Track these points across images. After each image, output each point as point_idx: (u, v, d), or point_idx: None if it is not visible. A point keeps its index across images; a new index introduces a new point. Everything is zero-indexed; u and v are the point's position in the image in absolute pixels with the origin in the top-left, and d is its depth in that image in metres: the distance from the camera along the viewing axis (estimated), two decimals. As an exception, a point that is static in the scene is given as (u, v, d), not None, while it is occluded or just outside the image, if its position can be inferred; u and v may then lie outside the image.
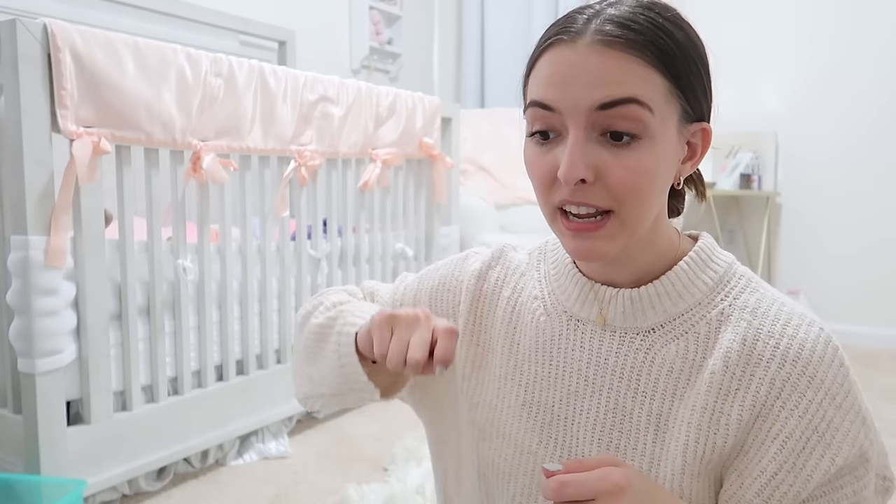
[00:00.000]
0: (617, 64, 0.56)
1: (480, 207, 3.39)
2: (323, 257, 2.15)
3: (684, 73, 0.59)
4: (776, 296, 0.65)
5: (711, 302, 0.64)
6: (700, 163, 0.66)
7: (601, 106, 0.56)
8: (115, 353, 1.60)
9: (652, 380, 0.64)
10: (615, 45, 0.56)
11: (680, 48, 0.58)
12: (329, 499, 1.67)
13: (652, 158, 0.58)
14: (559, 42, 0.58)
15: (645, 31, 0.57)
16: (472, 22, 4.15)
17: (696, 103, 0.61)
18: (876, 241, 3.24)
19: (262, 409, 1.94)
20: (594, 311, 0.67)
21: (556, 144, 0.60)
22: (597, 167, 0.57)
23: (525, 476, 0.69)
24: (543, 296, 0.72)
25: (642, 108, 0.56)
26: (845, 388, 0.60)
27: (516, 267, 0.76)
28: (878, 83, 3.19)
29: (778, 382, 0.59)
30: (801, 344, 0.60)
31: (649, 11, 0.58)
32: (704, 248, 0.67)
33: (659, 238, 0.66)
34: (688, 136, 0.62)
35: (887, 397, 2.52)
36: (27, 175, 1.37)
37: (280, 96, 1.88)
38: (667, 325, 0.65)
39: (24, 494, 1.31)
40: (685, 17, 0.61)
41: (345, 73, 3.44)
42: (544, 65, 0.60)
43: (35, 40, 1.36)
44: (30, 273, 1.37)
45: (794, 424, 0.59)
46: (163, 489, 1.70)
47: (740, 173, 3.35)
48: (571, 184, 0.57)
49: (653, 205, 0.61)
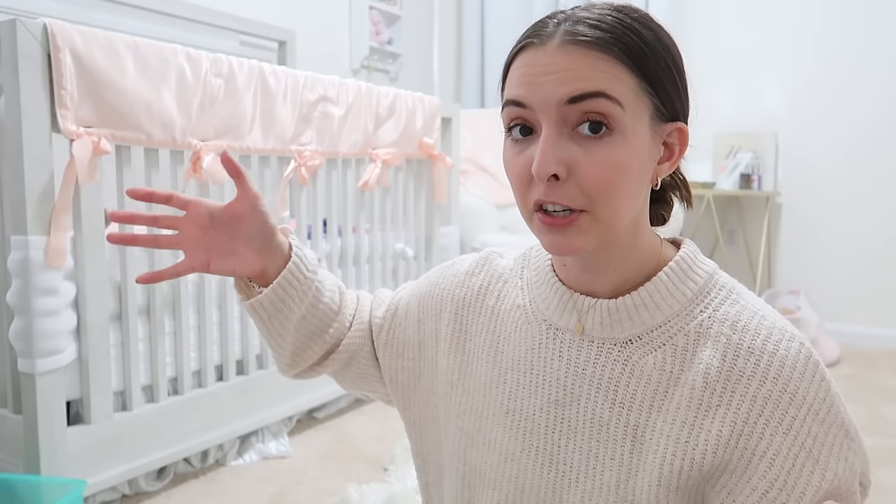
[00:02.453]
0: (585, 61, 0.58)
1: (480, 207, 3.39)
2: (323, 257, 2.15)
3: (654, 72, 0.60)
4: (757, 307, 0.64)
5: (690, 314, 0.64)
6: (678, 164, 0.66)
7: (570, 100, 0.58)
8: (115, 353, 1.60)
9: (630, 391, 0.64)
10: (583, 44, 0.58)
11: (649, 46, 0.60)
12: (329, 499, 1.67)
13: (623, 154, 0.59)
14: (531, 45, 0.61)
15: (612, 29, 0.59)
16: (472, 22, 4.15)
17: (668, 102, 0.62)
18: (876, 240, 3.25)
19: (262, 409, 1.94)
20: (573, 321, 0.68)
21: (530, 143, 0.61)
22: (569, 163, 0.58)
23: (509, 483, 0.70)
24: (525, 304, 0.72)
25: (611, 102, 0.58)
26: (827, 402, 0.60)
27: (500, 274, 0.77)
28: (879, 83, 3.19)
29: (759, 400, 0.60)
30: (782, 361, 0.60)
31: (618, 13, 0.60)
32: (686, 258, 0.67)
33: (639, 245, 0.66)
34: (663, 135, 0.63)
35: (887, 397, 2.52)
36: (27, 175, 1.37)
37: (280, 96, 1.88)
38: (644, 336, 0.65)
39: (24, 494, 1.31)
40: (656, 18, 0.63)
41: (345, 73, 3.44)
42: (517, 66, 0.62)
43: (35, 40, 1.36)
44: (30, 273, 1.37)
45: (779, 442, 0.59)
46: (163, 489, 1.70)
47: (740, 173, 3.35)
48: (544, 179, 0.58)
49: (627, 203, 0.61)
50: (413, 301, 0.81)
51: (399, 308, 0.83)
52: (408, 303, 0.82)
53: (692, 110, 0.66)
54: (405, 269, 2.52)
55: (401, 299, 0.84)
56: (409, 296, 0.83)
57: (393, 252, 2.47)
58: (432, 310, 0.79)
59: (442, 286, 0.79)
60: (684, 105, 0.64)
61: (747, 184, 3.33)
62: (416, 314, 0.80)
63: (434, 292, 0.80)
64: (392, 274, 2.47)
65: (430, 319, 0.79)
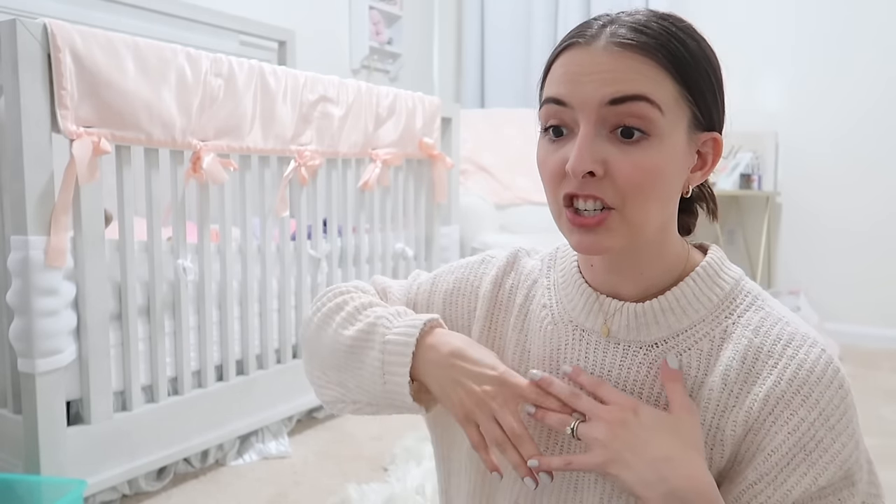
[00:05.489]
0: (629, 64, 0.58)
1: (480, 207, 3.38)
2: (323, 257, 2.15)
3: (695, 80, 0.60)
4: (781, 314, 0.65)
5: (716, 319, 0.65)
6: (710, 173, 0.66)
7: (611, 101, 0.58)
8: (115, 353, 1.60)
9: (655, 394, 0.65)
10: (628, 48, 0.58)
11: (692, 56, 0.60)
12: (329, 499, 1.67)
13: (659, 158, 0.59)
14: (575, 45, 0.61)
15: (658, 36, 0.59)
16: (472, 22, 4.15)
17: (706, 112, 0.62)
18: (876, 240, 3.24)
19: (262, 409, 1.94)
20: (599, 322, 0.68)
21: (567, 141, 0.61)
22: (605, 162, 0.58)
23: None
24: (551, 304, 0.72)
25: (652, 106, 0.58)
26: (841, 410, 0.60)
27: (528, 273, 0.76)
28: (879, 82, 3.19)
29: (772, 399, 0.60)
30: (800, 364, 0.60)
31: (663, 21, 0.60)
32: (712, 264, 0.67)
33: (667, 251, 0.66)
34: (698, 144, 0.63)
35: (887, 397, 2.52)
36: (27, 175, 1.37)
37: (280, 96, 1.88)
38: (670, 340, 0.65)
39: (24, 494, 1.31)
40: (699, 30, 0.63)
41: (345, 73, 3.44)
42: (559, 65, 0.62)
43: (35, 40, 1.36)
44: (30, 273, 1.37)
45: (781, 439, 0.59)
46: (163, 489, 1.70)
47: (740, 173, 3.35)
48: (579, 175, 0.58)
49: (658, 206, 0.61)
50: (436, 297, 0.79)
51: (419, 304, 0.80)
52: (429, 298, 0.80)
53: (726, 122, 0.66)
54: (405, 269, 2.52)
55: (419, 294, 0.81)
56: (429, 291, 0.80)
57: (393, 252, 2.47)
58: (463, 307, 0.77)
59: (474, 283, 0.78)
60: (721, 116, 0.65)
61: (747, 184, 3.33)
62: (440, 311, 0.78)
63: (465, 289, 0.78)
64: (392, 274, 2.47)
65: (460, 317, 0.77)
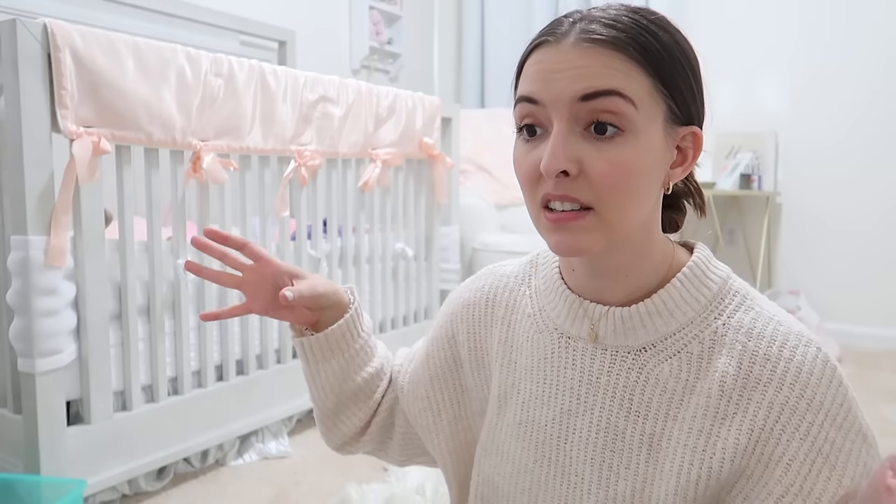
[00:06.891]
0: (599, 59, 0.57)
1: (480, 207, 3.38)
2: (323, 257, 2.15)
3: (669, 73, 0.59)
4: (772, 312, 0.64)
5: (705, 321, 0.64)
6: (691, 168, 0.65)
7: (583, 97, 0.57)
8: (115, 352, 1.60)
9: (645, 399, 0.64)
10: (598, 43, 0.57)
11: (664, 48, 0.59)
12: (329, 499, 1.67)
13: (635, 154, 0.58)
14: (546, 43, 0.60)
15: (628, 29, 0.58)
16: (472, 22, 4.15)
17: (683, 105, 0.61)
18: (876, 240, 3.24)
19: (262, 409, 1.94)
20: (584, 329, 0.67)
21: (541, 141, 0.60)
22: (579, 160, 0.58)
23: (522, 494, 0.69)
24: (535, 312, 0.72)
25: (625, 101, 0.57)
26: (845, 407, 0.59)
27: (506, 284, 0.77)
28: (880, 82, 3.19)
29: (776, 406, 0.59)
30: (799, 366, 0.59)
31: (635, 14, 0.60)
32: (699, 263, 0.66)
33: (651, 250, 0.65)
34: (677, 139, 0.62)
35: (887, 397, 2.52)
36: (27, 175, 1.37)
37: (280, 96, 1.88)
38: (659, 343, 0.64)
39: (24, 494, 1.31)
40: (673, 22, 0.62)
41: (345, 73, 3.44)
42: (531, 64, 0.61)
43: (35, 40, 1.36)
44: (30, 273, 1.37)
45: (796, 447, 0.58)
46: (163, 489, 1.70)
47: (740, 173, 3.35)
48: (553, 175, 0.57)
49: (635, 204, 0.60)
50: (426, 343, 0.84)
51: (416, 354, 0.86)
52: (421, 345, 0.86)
53: (707, 116, 0.65)
54: (405, 269, 2.52)
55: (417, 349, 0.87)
56: (423, 341, 0.86)
57: (393, 252, 2.47)
58: (449, 342, 0.80)
59: (450, 315, 0.81)
60: (699, 110, 0.64)
61: (747, 184, 3.33)
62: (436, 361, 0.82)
63: (447, 324, 0.81)
64: (392, 274, 2.47)
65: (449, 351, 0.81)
